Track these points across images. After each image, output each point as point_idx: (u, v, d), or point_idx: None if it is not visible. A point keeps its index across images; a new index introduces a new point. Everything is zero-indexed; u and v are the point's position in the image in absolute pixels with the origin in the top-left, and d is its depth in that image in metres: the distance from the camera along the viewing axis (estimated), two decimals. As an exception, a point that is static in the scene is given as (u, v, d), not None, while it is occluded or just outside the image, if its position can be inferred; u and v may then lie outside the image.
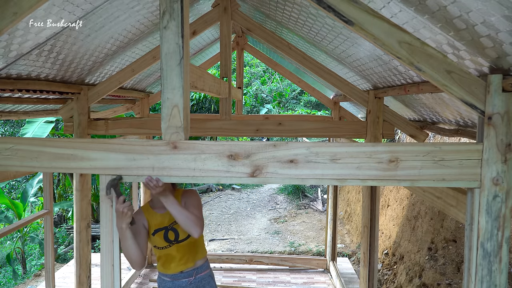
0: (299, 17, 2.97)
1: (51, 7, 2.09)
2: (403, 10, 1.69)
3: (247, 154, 1.59)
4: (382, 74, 2.80)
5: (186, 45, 1.55)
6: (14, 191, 12.02)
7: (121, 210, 1.83)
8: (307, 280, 5.43)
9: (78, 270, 3.47)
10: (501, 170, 1.50)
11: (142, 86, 4.98)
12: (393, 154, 1.54)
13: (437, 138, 5.52)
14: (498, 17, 1.25)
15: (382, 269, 6.03)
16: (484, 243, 1.53)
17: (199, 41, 5.04)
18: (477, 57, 1.57)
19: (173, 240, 2.40)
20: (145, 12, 2.98)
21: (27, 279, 7.71)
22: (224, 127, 3.57)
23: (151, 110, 10.52)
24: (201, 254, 2.54)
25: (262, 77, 18.94)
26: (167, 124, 1.59)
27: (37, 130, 6.91)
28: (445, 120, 2.76)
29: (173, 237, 2.39)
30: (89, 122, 3.44)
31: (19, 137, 2.02)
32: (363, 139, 3.53)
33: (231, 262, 5.90)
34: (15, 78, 2.58)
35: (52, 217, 3.69)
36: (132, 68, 3.29)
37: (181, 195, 2.45)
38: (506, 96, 1.46)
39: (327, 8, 1.45)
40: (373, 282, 3.38)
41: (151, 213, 2.43)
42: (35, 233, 9.28)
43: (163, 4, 1.52)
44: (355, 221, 8.27)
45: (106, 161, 1.63)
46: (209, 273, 2.60)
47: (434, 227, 4.91)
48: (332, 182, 1.59)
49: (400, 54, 1.46)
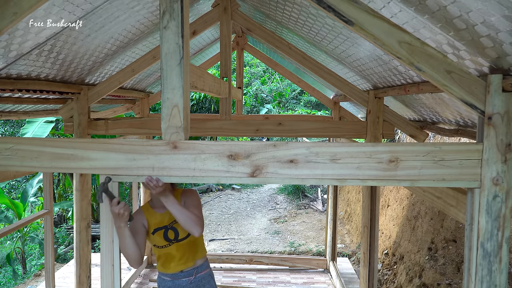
0: (299, 17, 2.97)
1: (51, 7, 2.09)
2: (403, 10, 1.69)
3: (247, 154, 1.59)
4: (382, 74, 2.80)
5: (186, 45, 1.55)
6: (14, 191, 12.02)
7: (116, 211, 1.85)
8: (307, 280, 5.43)
9: (78, 270, 3.47)
10: (501, 170, 1.50)
11: (142, 86, 4.98)
12: (393, 154, 1.54)
13: (437, 138, 5.52)
14: (498, 17, 1.25)
15: (382, 269, 6.03)
16: (484, 243, 1.53)
17: (199, 41, 5.04)
18: (477, 57, 1.57)
19: (172, 239, 2.40)
20: (145, 12, 2.98)
21: (27, 279, 7.71)
22: (224, 127, 3.57)
23: (151, 110, 10.52)
24: (200, 254, 2.54)
25: (262, 77, 18.94)
26: (167, 124, 1.59)
27: (37, 130, 6.91)
28: (445, 120, 2.76)
29: (173, 236, 2.40)
30: (89, 122, 3.44)
31: (19, 137, 2.01)
32: (363, 139, 3.53)
33: (231, 262, 5.90)
34: (15, 78, 2.58)
35: (52, 217, 3.69)
36: (132, 68, 3.29)
37: (180, 195, 2.45)
38: (506, 96, 1.46)
39: (327, 8, 1.45)
40: (373, 282, 3.38)
41: (151, 212, 2.44)
42: (35, 233, 9.28)
43: (163, 4, 1.52)
44: (355, 221, 8.27)
45: (106, 161, 1.63)
46: (209, 273, 2.60)
47: (434, 227, 4.91)
48: (332, 182, 1.59)
49: (400, 54, 1.46)
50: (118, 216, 1.88)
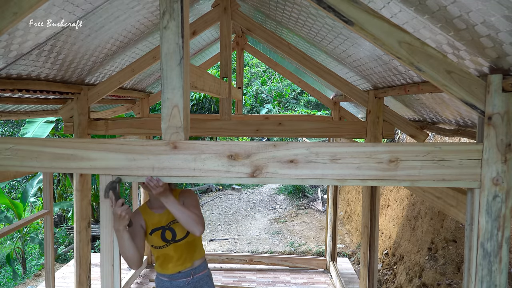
0: (299, 17, 2.97)
1: (51, 7, 2.09)
2: (403, 10, 1.69)
3: (247, 154, 1.59)
4: (382, 74, 2.80)
5: (186, 45, 1.55)
6: (14, 191, 12.02)
7: (119, 213, 1.83)
8: (307, 280, 5.43)
9: (78, 270, 3.47)
10: (501, 170, 1.50)
11: (142, 86, 4.98)
12: (393, 154, 1.54)
13: (437, 138, 5.52)
14: (498, 17, 1.25)
15: (382, 269, 6.03)
16: (484, 243, 1.53)
17: (199, 41, 5.04)
18: (477, 57, 1.57)
19: (170, 239, 2.40)
20: (145, 12, 2.98)
21: (27, 279, 7.71)
22: (224, 127, 3.57)
23: (151, 110, 10.52)
24: (198, 254, 2.54)
25: (262, 77, 18.93)
26: (167, 124, 1.59)
27: (37, 130, 6.91)
28: (445, 120, 2.76)
29: (170, 236, 2.40)
30: (89, 122, 3.44)
31: (19, 137, 2.01)
32: (363, 139, 3.53)
33: (231, 262, 5.90)
34: (15, 78, 2.58)
35: (52, 217, 3.69)
36: (132, 68, 3.29)
37: (178, 195, 2.45)
38: (506, 96, 1.46)
39: (327, 8, 1.45)
40: (373, 282, 3.38)
41: (149, 213, 2.44)
42: (35, 233, 9.28)
43: (163, 4, 1.52)
44: (355, 221, 8.27)
45: (106, 161, 1.63)
46: (207, 273, 2.59)
47: (434, 227, 4.91)
48: (332, 182, 1.59)
49: (400, 54, 1.46)
50: (119, 218, 1.86)
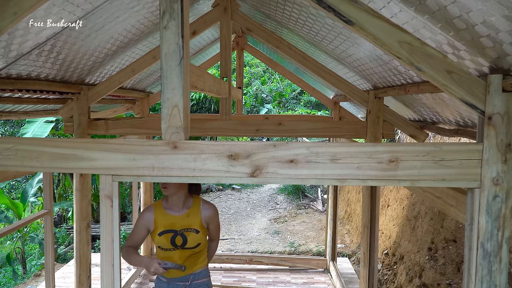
0: (299, 17, 2.97)
1: (51, 7, 2.09)
2: (403, 10, 1.69)
3: (247, 154, 1.59)
4: (382, 74, 2.80)
5: (186, 45, 1.55)
6: (14, 191, 12.01)
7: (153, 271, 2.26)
8: (307, 280, 5.43)
9: (78, 270, 3.47)
10: (501, 170, 1.50)
11: (142, 86, 4.98)
12: (393, 154, 1.54)
13: (437, 138, 5.52)
14: (498, 17, 1.25)
15: (382, 269, 6.03)
16: (484, 243, 1.53)
17: (199, 41, 5.04)
18: (477, 57, 1.57)
19: (179, 245, 2.37)
20: (145, 12, 2.98)
21: (27, 279, 7.71)
22: (224, 127, 3.57)
23: (151, 110, 10.51)
24: (200, 265, 2.52)
25: (262, 77, 18.92)
26: (167, 124, 1.59)
27: (37, 130, 6.91)
28: (445, 120, 2.76)
29: (181, 242, 2.37)
30: (89, 122, 3.44)
31: (19, 137, 2.01)
32: (363, 139, 3.53)
33: (231, 262, 5.90)
34: (15, 78, 2.58)
35: (52, 217, 3.69)
36: (132, 68, 3.29)
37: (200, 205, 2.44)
38: (506, 96, 1.46)
39: (327, 8, 1.45)
40: (373, 282, 3.38)
41: (163, 213, 2.40)
42: (35, 233, 9.28)
43: (163, 4, 1.52)
44: (355, 221, 8.26)
45: (106, 161, 1.63)
46: (207, 282, 2.57)
47: (434, 227, 4.91)
48: (332, 182, 1.59)
49: (400, 54, 1.46)
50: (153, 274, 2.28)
